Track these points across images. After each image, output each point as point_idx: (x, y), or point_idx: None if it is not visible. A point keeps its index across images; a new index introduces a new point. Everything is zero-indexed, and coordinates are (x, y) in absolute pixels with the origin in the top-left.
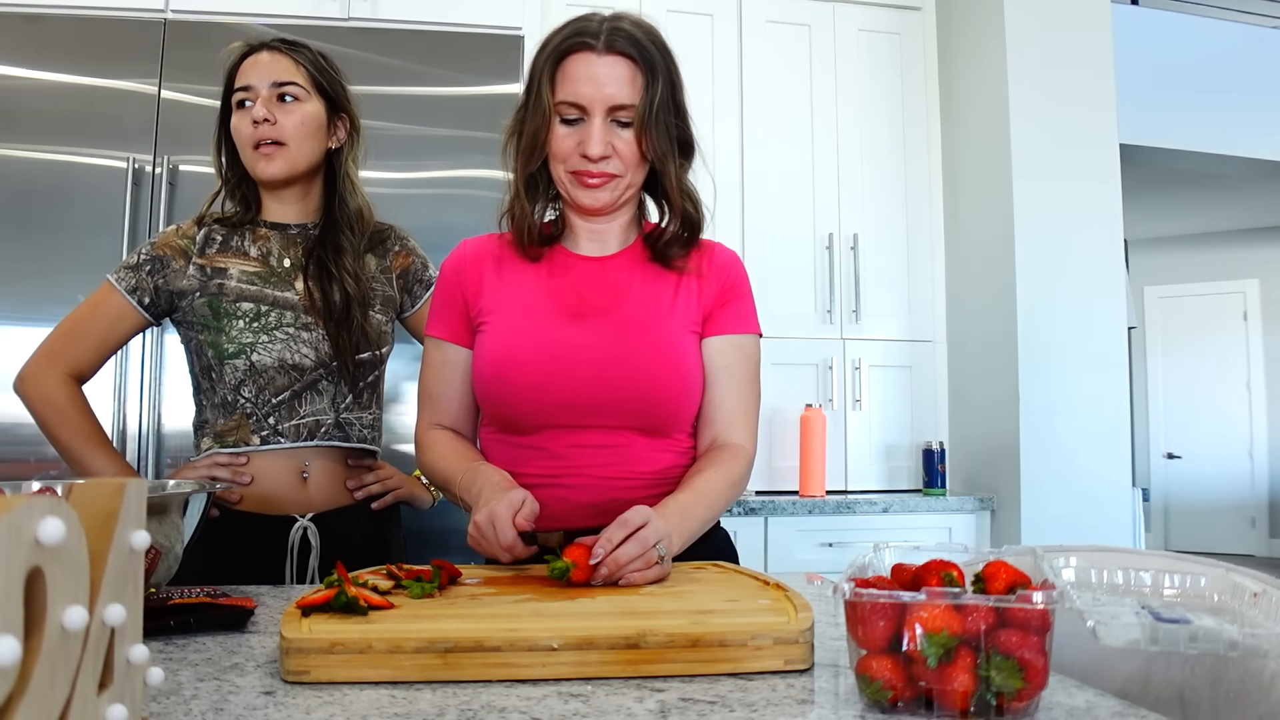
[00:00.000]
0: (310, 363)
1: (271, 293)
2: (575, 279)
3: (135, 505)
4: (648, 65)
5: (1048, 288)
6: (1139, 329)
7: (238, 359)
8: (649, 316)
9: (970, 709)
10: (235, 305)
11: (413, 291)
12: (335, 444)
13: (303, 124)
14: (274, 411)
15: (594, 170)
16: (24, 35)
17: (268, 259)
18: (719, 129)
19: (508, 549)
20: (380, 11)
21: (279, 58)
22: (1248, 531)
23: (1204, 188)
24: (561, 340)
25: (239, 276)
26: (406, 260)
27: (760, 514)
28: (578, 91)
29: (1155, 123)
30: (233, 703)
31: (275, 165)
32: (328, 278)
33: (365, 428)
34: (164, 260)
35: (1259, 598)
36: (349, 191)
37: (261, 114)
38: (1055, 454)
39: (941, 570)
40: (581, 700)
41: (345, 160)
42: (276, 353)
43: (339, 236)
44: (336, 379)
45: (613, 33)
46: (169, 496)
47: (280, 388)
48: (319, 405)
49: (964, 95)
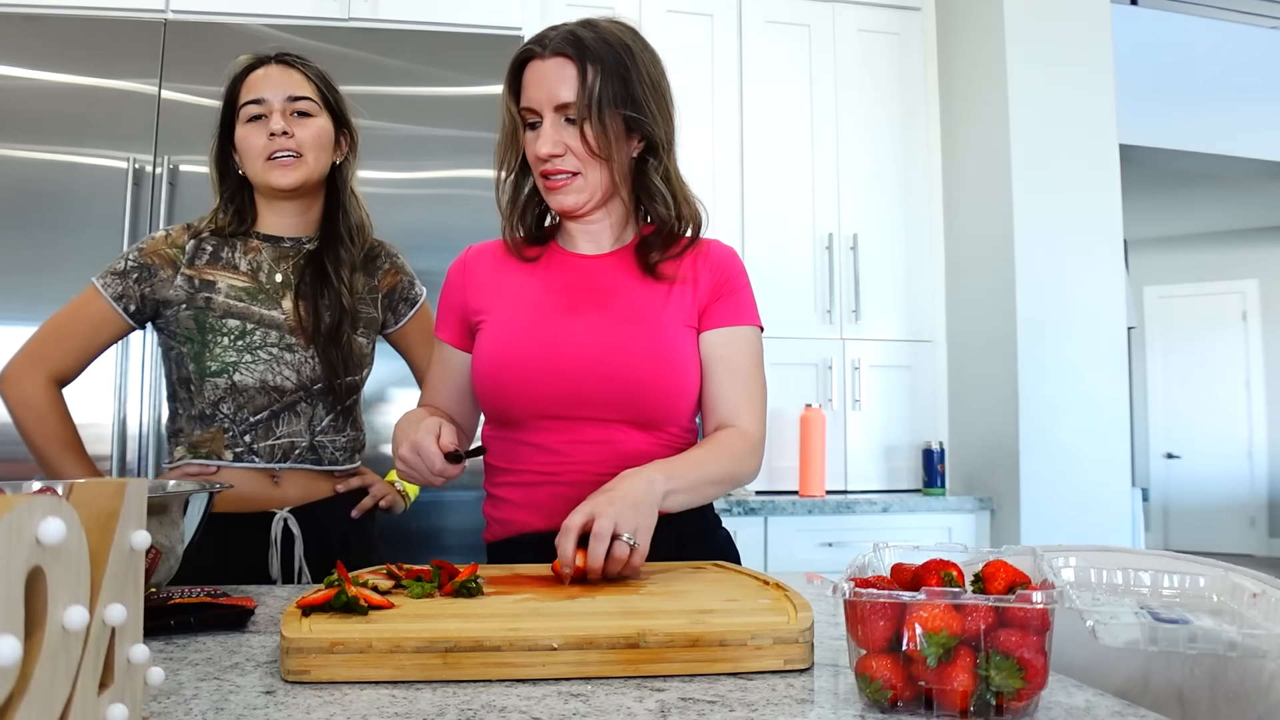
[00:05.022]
0: (291, 385)
1: (259, 310)
2: (569, 276)
3: (135, 505)
4: (584, 60)
5: (1047, 288)
6: (1139, 329)
7: (219, 377)
8: (641, 311)
9: (970, 708)
10: (221, 322)
11: (397, 310)
12: (307, 466)
13: (318, 137)
14: (250, 430)
15: (552, 169)
16: (24, 35)
17: (257, 274)
18: (719, 129)
19: (438, 473)
20: (380, 11)
21: (291, 72)
22: (1247, 531)
23: (1204, 188)
24: (554, 333)
25: (227, 291)
26: (394, 279)
27: (760, 514)
28: (529, 95)
29: (1155, 123)
30: (233, 702)
31: (292, 175)
32: (321, 292)
33: (339, 450)
34: (151, 269)
35: (1258, 598)
36: (352, 204)
37: (280, 126)
38: (1055, 454)
39: (941, 570)
40: (581, 700)
41: (348, 174)
42: (259, 373)
43: (339, 248)
44: (315, 401)
45: (559, 37)
46: (169, 496)
47: (259, 407)
48: (295, 427)
49: (964, 95)
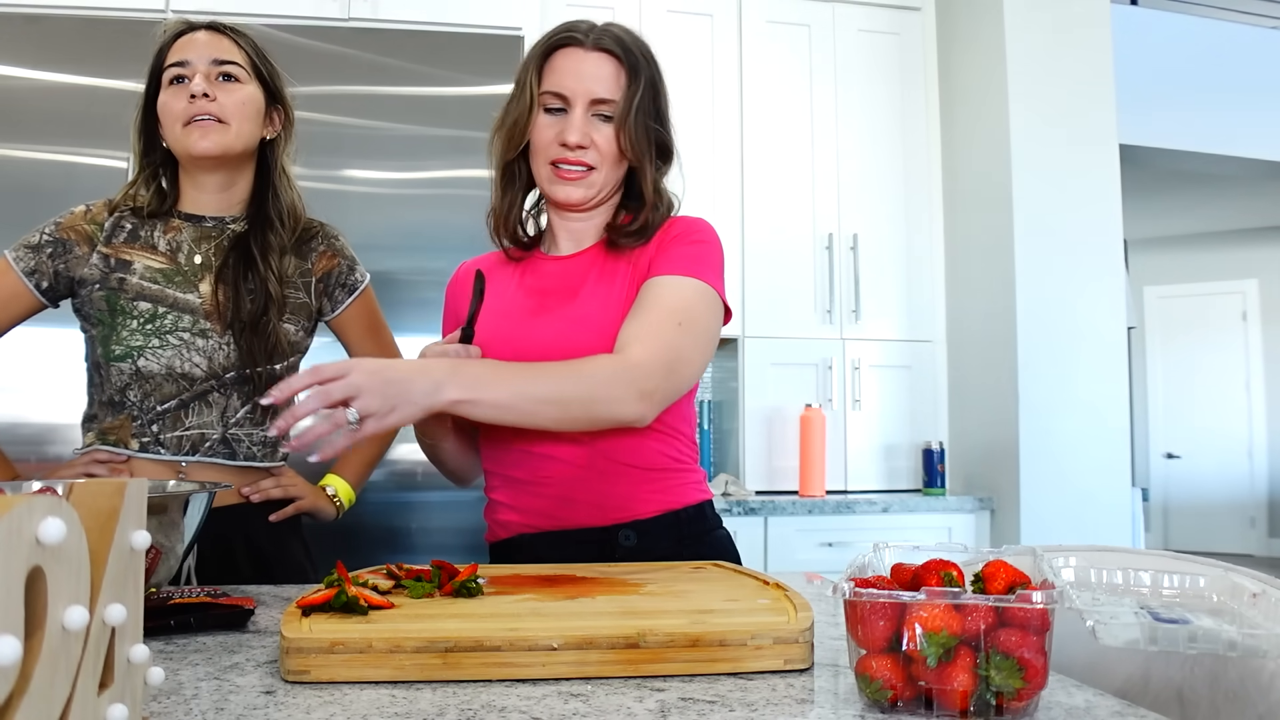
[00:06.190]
0: (201, 372)
1: (173, 294)
2: (541, 280)
3: (135, 505)
4: (631, 65)
5: (1047, 288)
6: (1139, 329)
7: (123, 362)
8: (601, 310)
9: (970, 708)
10: (133, 304)
11: (333, 295)
12: (219, 461)
13: (244, 105)
14: (158, 419)
15: (571, 159)
16: (24, 35)
17: (176, 255)
18: (719, 129)
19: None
20: (380, 11)
21: (219, 38)
22: (1247, 531)
23: (1204, 188)
24: (519, 337)
25: (142, 273)
26: (331, 262)
27: (760, 514)
28: (562, 82)
29: (1155, 123)
30: (233, 702)
31: (210, 140)
32: (245, 276)
33: (256, 444)
34: (67, 244)
35: (1258, 598)
36: (283, 185)
37: (201, 88)
38: (1055, 454)
39: (941, 570)
40: (581, 700)
41: (279, 153)
42: (166, 359)
43: (268, 232)
44: (229, 391)
45: (601, 33)
46: (169, 496)
47: (167, 395)
48: (206, 418)
49: (964, 96)
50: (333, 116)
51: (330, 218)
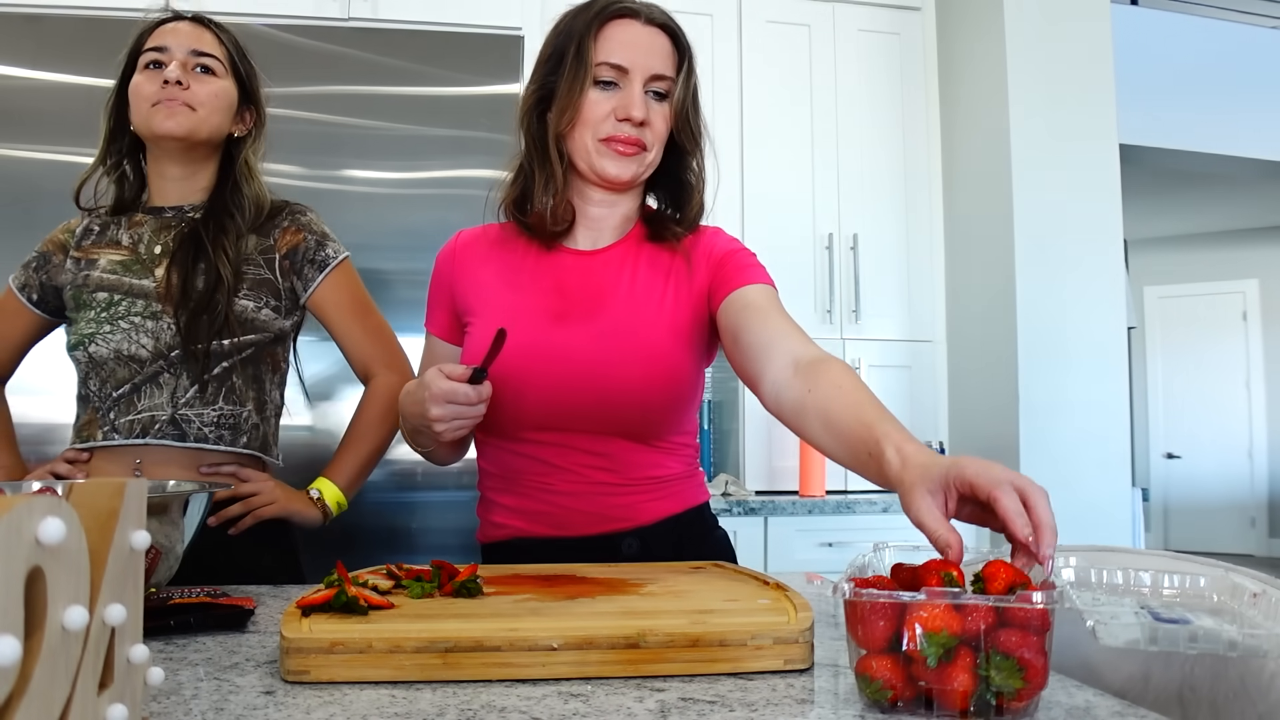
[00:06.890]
0: (147, 353)
1: (129, 281)
2: (561, 277)
3: (135, 505)
4: (684, 45)
5: (1047, 288)
6: (1139, 329)
7: (77, 350)
8: (636, 319)
9: (970, 709)
10: (93, 295)
11: (303, 273)
12: (169, 443)
13: (216, 96)
14: (114, 406)
15: (631, 136)
16: (24, 35)
17: (137, 246)
18: (719, 129)
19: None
20: (380, 11)
21: (201, 30)
22: (1247, 531)
23: (1204, 188)
24: (541, 345)
25: (105, 266)
26: (295, 238)
27: (760, 514)
28: (619, 54)
29: (1155, 123)
30: (233, 702)
31: (174, 121)
32: (195, 260)
33: (208, 425)
34: (47, 255)
35: (1258, 598)
36: (245, 179)
37: (175, 74)
38: (1055, 454)
39: (941, 570)
40: (581, 700)
41: (245, 150)
42: (114, 344)
43: (223, 218)
44: (178, 371)
45: (653, 8)
46: (169, 496)
47: (120, 380)
48: (157, 400)
49: (964, 95)
50: (333, 116)
51: (330, 217)
